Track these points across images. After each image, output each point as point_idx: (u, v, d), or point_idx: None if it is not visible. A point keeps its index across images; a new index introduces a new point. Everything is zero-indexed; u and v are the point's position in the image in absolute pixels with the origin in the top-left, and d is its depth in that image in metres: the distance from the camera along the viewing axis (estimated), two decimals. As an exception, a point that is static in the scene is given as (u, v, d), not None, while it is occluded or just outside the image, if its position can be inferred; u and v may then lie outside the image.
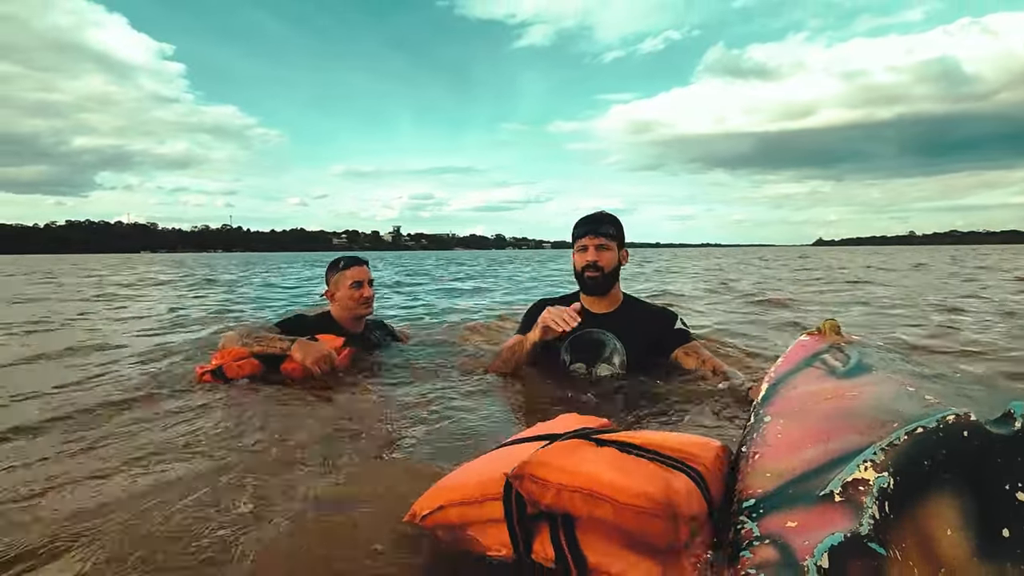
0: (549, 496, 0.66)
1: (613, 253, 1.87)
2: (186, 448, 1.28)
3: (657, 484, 0.64)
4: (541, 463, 0.68)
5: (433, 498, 0.80)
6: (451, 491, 0.79)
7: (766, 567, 0.55)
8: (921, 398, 0.82)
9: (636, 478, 0.65)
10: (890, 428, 0.72)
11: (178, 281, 9.85)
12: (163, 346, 2.76)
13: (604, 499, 0.63)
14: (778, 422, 0.86)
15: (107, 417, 1.53)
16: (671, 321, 1.92)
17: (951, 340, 2.83)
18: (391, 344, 2.50)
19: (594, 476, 0.66)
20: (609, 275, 1.86)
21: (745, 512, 0.66)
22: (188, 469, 1.15)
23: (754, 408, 0.97)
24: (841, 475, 0.65)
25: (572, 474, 0.66)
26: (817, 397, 0.92)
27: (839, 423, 0.79)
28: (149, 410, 1.58)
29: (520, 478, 0.68)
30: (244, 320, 4.18)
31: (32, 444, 1.33)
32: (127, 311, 4.87)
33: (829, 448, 0.73)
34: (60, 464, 1.19)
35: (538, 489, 0.67)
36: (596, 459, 0.70)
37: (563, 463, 0.68)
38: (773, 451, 0.78)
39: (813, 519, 0.60)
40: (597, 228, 1.85)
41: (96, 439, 1.34)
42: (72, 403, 1.67)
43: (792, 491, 0.67)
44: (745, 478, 0.73)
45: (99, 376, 2.08)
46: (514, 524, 0.71)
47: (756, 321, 3.79)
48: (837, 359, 1.10)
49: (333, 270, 2.24)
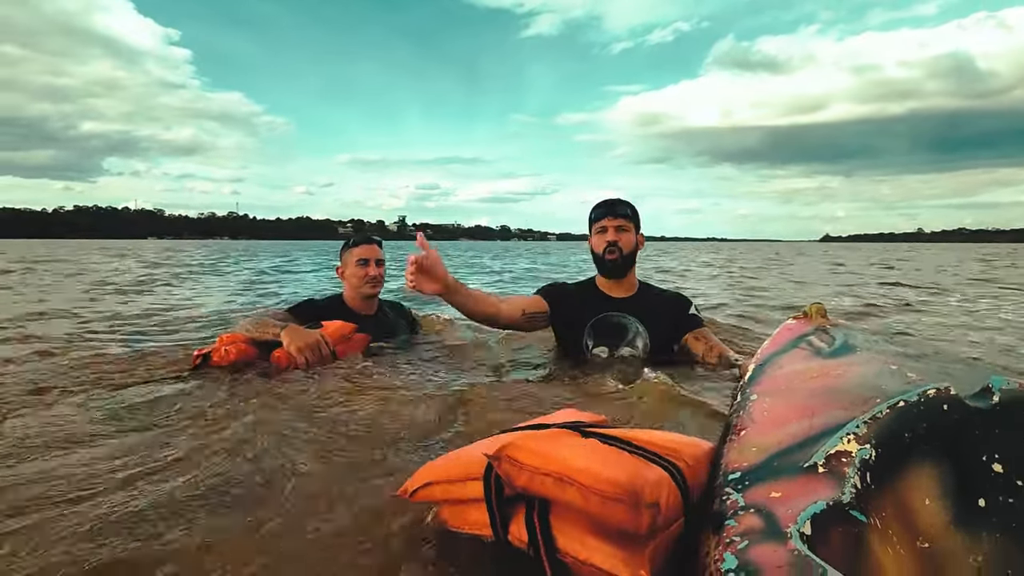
0: (523, 478, 0.68)
1: (631, 235, 1.89)
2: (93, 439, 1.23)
3: (626, 472, 0.65)
4: (519, 446, 0.70)
5: (422, 475, 0.83)
6: (438, 469, 0.82)
7: (750, 534, 0.56)
8: (903, 375, 0.84)
9: (607, 466, 0.66)
10: (872, 403, 0.74)
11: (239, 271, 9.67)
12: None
13: (572, 483, 0.65)
14: (764, 400, 0.87)
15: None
16: (686, 306, 1.97)
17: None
18: (404, 329, 2.42)
19: (566, 461, 0.67)
20: (628, 256, 1.88)
21: (731, 484, 0.67)
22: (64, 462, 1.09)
23: (741, 387, 0.99)
24: (825, 447, 0.66)
25: (546, 458, 0.68)
26: (803, 376, 0.94)
27: (824, 400, 0.81)
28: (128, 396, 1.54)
29: (498, 459, 0.70)
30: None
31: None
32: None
33: (814, 423, 0.74)
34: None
35: (513, 471, 0.69)
36: (574, 446, 0.72)
37: (540, 448, 0.70)
38: (759, 427, 0.79)
39: (797, 489, 0.62)
40: (615, 210, 1.89)
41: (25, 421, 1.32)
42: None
43: (777, 464, 0.68)
44: (731, 452, 0.74)
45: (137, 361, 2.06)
46: (492, 504, 0.74)
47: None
48: (823, 340, 1.11)
49: (345, 247, 2.24)
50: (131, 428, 1.30)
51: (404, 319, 2.48)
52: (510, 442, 0.71)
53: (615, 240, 1.86)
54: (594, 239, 1.92)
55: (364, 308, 2.24)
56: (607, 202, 1.93)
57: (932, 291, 5.95)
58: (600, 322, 1.86)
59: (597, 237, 1.90)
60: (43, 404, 1.46)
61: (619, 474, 0.64)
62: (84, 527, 0.85)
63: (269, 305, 4.33)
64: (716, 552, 0.56)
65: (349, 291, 2.23)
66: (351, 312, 2.19)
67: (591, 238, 1.94)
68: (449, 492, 0.80)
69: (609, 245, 1.86)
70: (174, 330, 2.98)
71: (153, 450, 1.16)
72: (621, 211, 1.88)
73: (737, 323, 3.22)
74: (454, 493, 0.79)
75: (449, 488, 0.79)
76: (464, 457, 0.82)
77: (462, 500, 0.79)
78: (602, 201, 1.94)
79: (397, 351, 2.14)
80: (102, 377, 1.76)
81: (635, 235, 1.91)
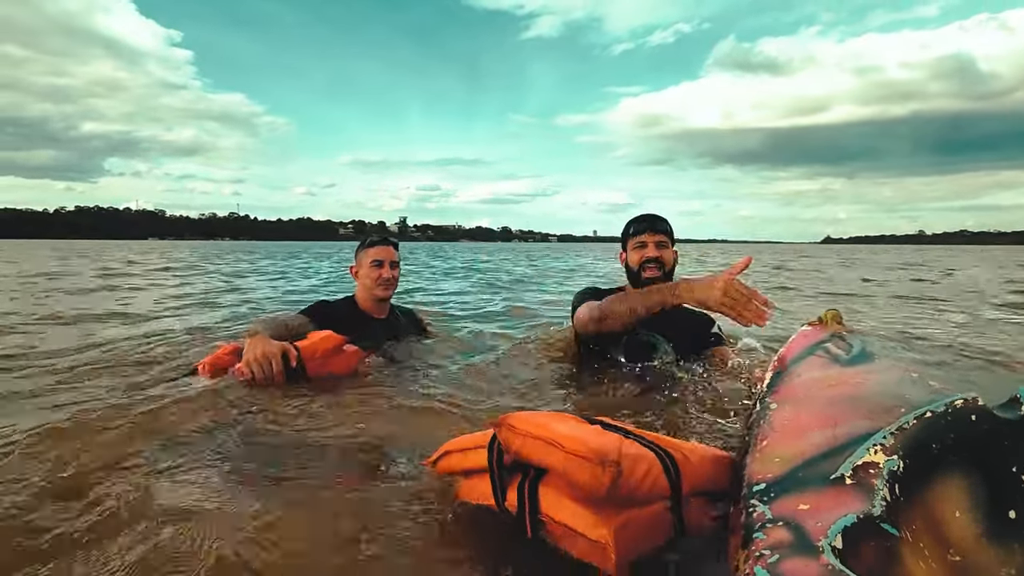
0: (517, 443, 0.73)
1: (670, 252, 1.89)
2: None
3: (610, 445, 0.68)
4: (519, 416, 0.76)
5: (443, 447, 0.92)
6: (455, 441, 0.90)
7: (780, 548, 0.55)
8: (926, 383, 0.83)
9: (593, 437, 0.70)
10: (897, 413, 0.73)
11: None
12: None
13: (556, 447, 0.69)
14: (784, 408, 0.86)
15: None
16: (708, 324, 1.96)
17: None
18: (413, 335, 2.35)
19: (558, 431, 0.71)
20: (668, 273, 1.86)
21: (756, 496, 0.66)
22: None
23: (759, 396, 0.98)
24: (851, 458, 0.65)
25: (540, 427, 0.73)
26: (822, 384, 0.93)
27: (845, 408, 0.80)
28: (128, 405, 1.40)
29: (499, 426, 0.76)
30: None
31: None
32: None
33: (837, 433, 0.74)
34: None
35: (510, 436, 0.74)
36: (573, 425, 0.77)
37: (537, 419, 0.75)
38: (780, 436, 0.78)
39: (825, 501, 0.61)
40: (656, 225, 1.86)
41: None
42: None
43: (802, 474, 0.67)
44: (754, 463, 0.73)
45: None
46: (494, 469, 0.79)
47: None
48: (840, 347, 1.10)
49: (360, 247, 2.19)
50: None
51: (414, 325, 2.43)
52: (513, 414, 0.77)
53: (657, 256, 1.83)
54: (632, 254, 1.89)
55: (376, 311, 2.19)
56: (647, 217, 1.91)
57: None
58: (630, 342, 1.85)
59: (636, 252, 1.87)
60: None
61: (600, 442, 0.68)
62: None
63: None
64: (746, 566, 0.55)
65: (361, 292, 2.18)
66: (362, 314, 2.15)
67: (627, 252, 1.91)
68: (462, 461, 0.87)
69: (649, 260, 1.83)
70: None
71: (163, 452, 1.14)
72: (661, 227, 1.87)
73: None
74: (466, 462, 0.86)
75: (462, 458, 0.87)
76: (478, 433, 0.90)
77: (473, 470, 0.85)
78: (642, 216, 1.93)
79: (402, 357, 2.06)
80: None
81: (673, 251, 1.90)
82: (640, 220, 1.91)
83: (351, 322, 2.02)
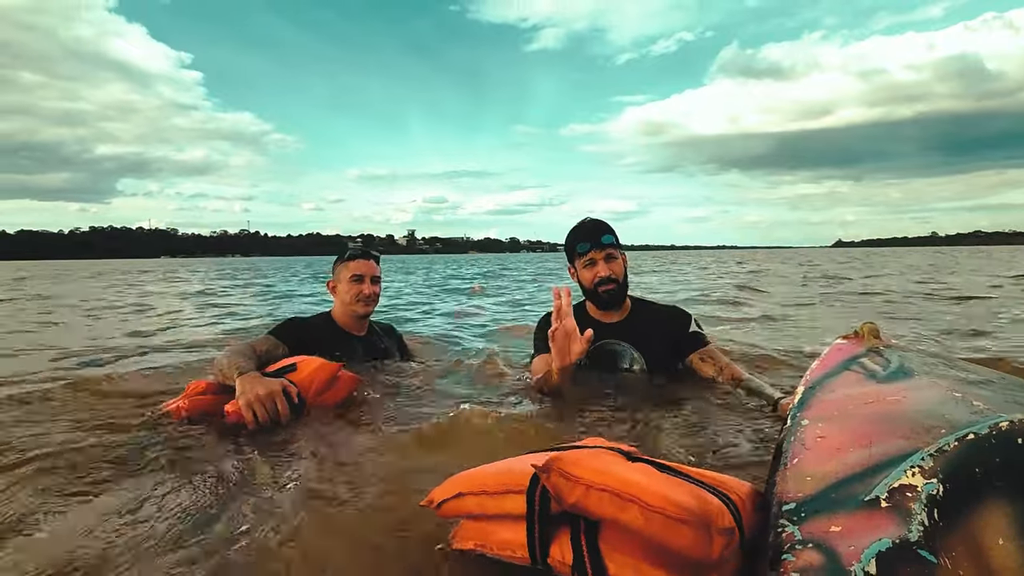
0: (577, 493, 0.63)
1: (620, 261, 1.78)
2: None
3: (692, 495, 0.62)
4: (573, 460, 0.66)
5: (452, 486, 0.79)
6: (471, 480, 0.77)
7: (810, 571, 0.54)
8: (969, 404, 0.79)
9: (670, 487, 0.63)
10: (937, 434, 0.70)
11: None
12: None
13: (633, 501, 0.60)
14: (816, 426, 0.84)
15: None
16: (686, 323, 1.84)
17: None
18: (394, 354, 2.21)
19: (625, 479, 0.63)
20: (624, 284, 1.80)
21: (785, 516, 0.64)
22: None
23: (790, 412, 0.96)
24: (887, 480, 0.63)
25: (603, 474, 0.64)
26: (857, 401, 0.90)
27: (882, 427, 0.77)
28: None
29: (548, 471, 0.65)
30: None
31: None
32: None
33: (872, 453, 0.71)
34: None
35: (566, 485, 0.64)
36: (628, 467, 0.69)
37: (594, 464, 0.67)
38: (813, 455, 0.76)
39: (858, 524, 0.59)
40: (600, 239, 1.75)
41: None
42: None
43: (835, 495, 0.65)
44: (785, 482, 0.72)
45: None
46: (534, 522, 0.69)
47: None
48: (876, 363, 1.07)
49: (339, 260, 2.04)
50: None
51: (396, 343, 2.29)
52: (561, 455, 0.67)
53: (608, 274, 1.74)
54: (582, 273, 1.78)
55: (354, 328, 2.06)
56: (587, 231, 1.76)
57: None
58: (594, 352, 1.75)
59: (586, 271, 1.77)
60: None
61: (686, 497, 0.61)
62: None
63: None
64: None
65: (339, 308, 2.04)
66: (340, 331, 2.02)
67: (578, 271, 1.80)
68: (483, 505, 0.74)
69: (603, 279, 1.74)
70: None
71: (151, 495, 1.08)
72: (607, 239, 1.74)
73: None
74: (489, 507, 0.74)
75: (483, 501, 0.74)
76: (504, 468, 0.77)
77: (496, 515, 0.74)
78: (579, 230, 1.78)
79: (387, 377, 1.94)
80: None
81: (621, 257, 1.79)
82: (579, 236, 1.77)
83: (328, 340, 1.91)
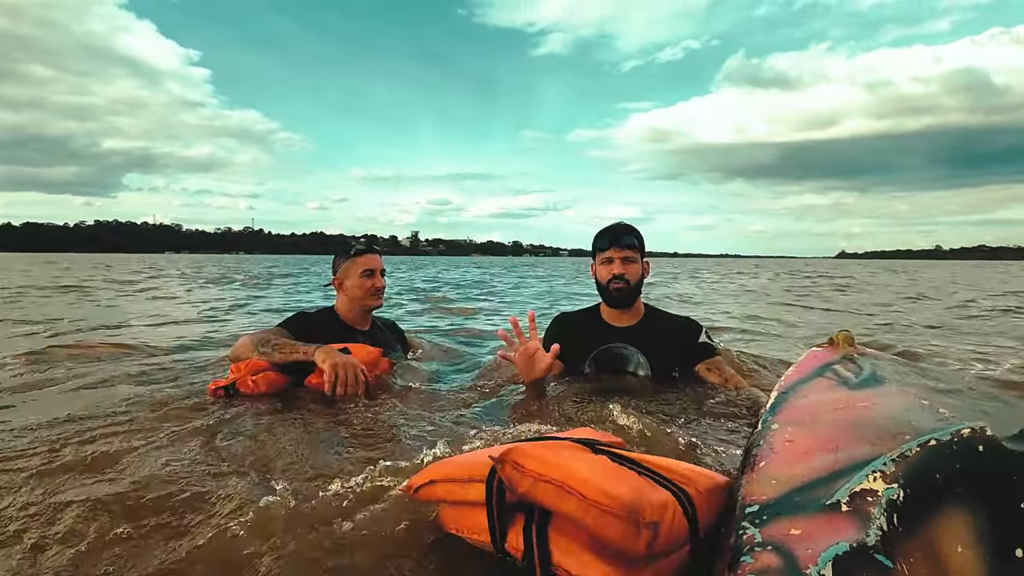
0: (525, 484, 0.66)
1: (638, 265, 1.84)
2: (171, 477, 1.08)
3: (629, 488, 0.63)
4: (524, 452, 0.69)
5: (426, 473, 0.83)
6: (443, 468, 0.82)
7: (767, 573, 0.54)
8: (935, 411, 0.80)
9: (610, 480, 0.65)
10: (901, 440, 0.70)
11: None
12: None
13: (572, 493, 0.63)
14: (786, 430, 0.84)
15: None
16: (695, 333, 1.87)
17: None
18: (397, 348, 2.26)
19: (570, 471, 0.65)
20: (635, 287, 1.83)
21: (748, 517, 0.64)
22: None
23: (761, 416, 0.96)
24: (849, 484, 0.63)
25: (550, 466, 0.66)
26: (827, 407, 0.90)
27: (849, 433, 0.77)
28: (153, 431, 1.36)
29: (503, 463, 0.68)
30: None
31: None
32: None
33: (838, 457, 0.71)
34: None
35: (517, 476, 0.67)
36: (581, 460, 0.71)
37: (545, 455, 0.68)
38: (780, 458, 0.76)
39: (818, 527, 0.59)
40: (621, 240, 1.82)
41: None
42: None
43: (798, 499, 0.65)
44: (750, 484, 0.71)
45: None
46: (493, 509, 0.72)
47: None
48: (849, 370, 1.07)
49: (343, 257, 2.06)
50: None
51: (398, 338, 2.34)
52: (516, 447, 0.70)
53: (621, 273, 1.80)
54: (599, 269, 1.87)
55: (360, 323, 2.10)
56: (612, 230, 1.86)
57: None
58: (602, 354, 1.84)
59: (603, 268, 1.85)
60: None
61: (621, 490, 0.63)
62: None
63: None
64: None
65: (346, 303, 2.07)
66: (346, 326, 2.06)
67: (596, 267, 1.89)
68: (451, 492, 0.79)
69: (615, 277, 1.81)
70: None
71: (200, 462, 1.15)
72: (627, 242, 1.82)
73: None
74: (456, 494, 0.78)
75: (451, 488, 0.79)
76: (469, 459, 0.82)
77: (463, 502, 0.78)
78: (606, 229, 1.88)
79: (395, 372, 1.97)
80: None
81: (641, 264, 1.85)
82: (604, 235, 1.86)
83: (333, 335, 1.94)
